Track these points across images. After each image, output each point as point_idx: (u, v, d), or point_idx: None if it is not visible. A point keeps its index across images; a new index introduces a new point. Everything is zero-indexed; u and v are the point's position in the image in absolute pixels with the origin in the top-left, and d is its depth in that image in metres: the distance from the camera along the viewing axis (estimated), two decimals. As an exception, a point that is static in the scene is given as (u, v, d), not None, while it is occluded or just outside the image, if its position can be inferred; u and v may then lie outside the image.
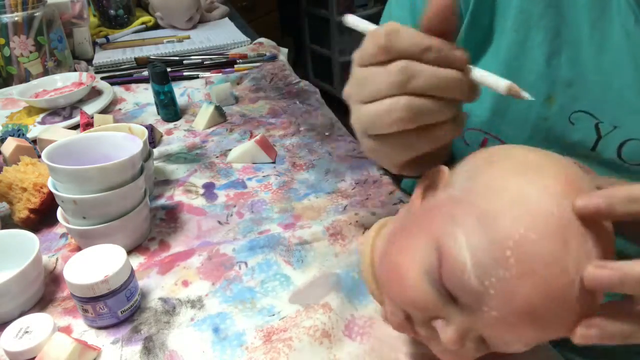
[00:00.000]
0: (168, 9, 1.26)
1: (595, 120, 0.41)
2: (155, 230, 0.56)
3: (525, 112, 0.44)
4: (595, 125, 0.41)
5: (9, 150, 0.63)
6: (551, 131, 0.43)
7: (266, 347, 0.40)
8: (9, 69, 0.96)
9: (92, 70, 1.07)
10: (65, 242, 0.55)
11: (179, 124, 0.82)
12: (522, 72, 0.43)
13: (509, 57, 0.44)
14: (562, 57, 0.41)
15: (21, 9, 0.91)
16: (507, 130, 0.46)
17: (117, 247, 0.45)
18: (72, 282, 0.41)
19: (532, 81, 0.42)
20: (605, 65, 0.39)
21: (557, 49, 0.41)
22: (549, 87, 0.42)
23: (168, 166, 0.69)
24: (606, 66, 0.39)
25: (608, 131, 0.40)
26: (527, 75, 0.43)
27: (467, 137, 0.49)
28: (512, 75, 0.43)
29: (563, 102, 0.42)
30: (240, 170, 0.67)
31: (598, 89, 0.40)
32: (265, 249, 0.51)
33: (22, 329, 0.41)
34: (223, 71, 1.01)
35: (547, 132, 0.44)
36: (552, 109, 0.43)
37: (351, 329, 0.42)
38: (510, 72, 0.43)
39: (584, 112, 0.41)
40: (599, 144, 0.41)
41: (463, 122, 0.33)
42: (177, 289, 0.47)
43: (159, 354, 0.41)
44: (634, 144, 0.39)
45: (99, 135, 0.54)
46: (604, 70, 0.39)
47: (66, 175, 0.47)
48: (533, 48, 0.42)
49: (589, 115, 0.41)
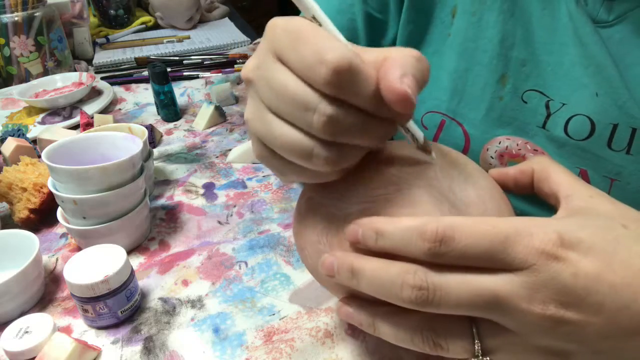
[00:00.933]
0: (168, 9, 1.26)
1: (546, 98, 0.42)
2: (155, 230, 0.56)
3: (481, 92, 0.45)
4: (546, 103, 0.42)
5: (9, 150, 0.63)
6: (505, 110, 0.44)
7: (267, 347, 0.40)
8: (9, 69, 0.96)
9: (92, 70, 1.07)
10: (65, 242, 0.55)
11: (179, 124, 0.82)
12: (477, 53, 0.44)
13: (466, 39, 0.45)
14: (516, 37, 0.42)
15: (21, 9, 0.91)
16: (464, 111, 0.47)
17: (117, 247, 0.45)
18: (72, 282, 0.41)
19: (487, 61, 0.44)
20: (555, 46, 0.40)
21: (511, 30, 0.42)
22: (503, 66, 0.43)
23: (168, 166, 0.69)
24: (556, 46, 0.40)
25: (557, 108, 0.41)
26: (481, 55, 0.44)
27: (426, 121, 0.50)
28: (468, 56, 0.45)
29: (516, 82, 0.43)
30: (240, 170, 0.67)
31: (549, 67, 0.41)
32: (265, 249, 0.51)
33: (22, 329, 0.41)
34: (223, 71, 1.01)
35: (501, 111, 0.45)
36: (505, 88, 0.44)
37: (354, 327, 0.42)
38: (466, 53, 0.45)
39: (536, 90, 0.42)
40: (548, 121, 0.42)
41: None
42: (177, 289, 0.47)
43: (159, 354, 0.41)
44: (578, 120, 0.40)
45: (99, 135, 0.54)
46: (554, 50, 0.41)
47: (66, 175, 0.47)
48: (487, 29, 0.43)
49: (539, 94, 0.42)
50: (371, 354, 0.39)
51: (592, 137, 0.40)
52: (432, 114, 0.49)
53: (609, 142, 0.40)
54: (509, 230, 0.24)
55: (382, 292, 0.26)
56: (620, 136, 0.39)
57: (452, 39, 0.46)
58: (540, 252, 0.23)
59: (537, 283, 0.23)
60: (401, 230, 0.25)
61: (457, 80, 0.46)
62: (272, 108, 0.26)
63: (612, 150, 0.40)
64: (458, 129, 0.47)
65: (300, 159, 0.26)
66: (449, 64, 0.46)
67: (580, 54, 0.39)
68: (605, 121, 0.39)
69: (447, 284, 0.24)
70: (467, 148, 0.47)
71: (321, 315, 0.43)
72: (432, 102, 0.49)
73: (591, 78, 0.39)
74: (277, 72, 0.26)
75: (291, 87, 0.25)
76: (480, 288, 0.24)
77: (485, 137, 0.46)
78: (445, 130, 0.48)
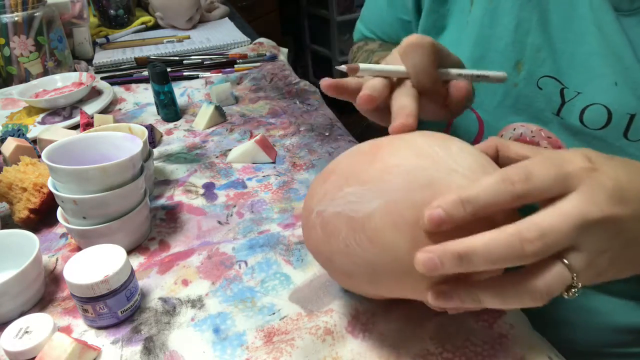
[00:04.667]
0: (168, 9, 1.26)
1: (560, 85, 0.43)
2: (155, 230, 0.56)
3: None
4: (561, 91, 0.43)
5: (9, 150, 0.63)
6: (520, 97, 0.45)
7: (268, 347, 0.40)
8: (9, 69, 0.96)
9: (92, 70, 1.07)
10: (65, 242, 0.55)
11: (179, 124, 0.82)
12: (492, 40, 0.45)
13: (482, 26, 0.45)
14: (532, 23, 0.43)
15: (21, 9, 0.91)
16: (479, 97, 0.47)
17: (117, 247, 0.45)
18: (72, 282, 0.41)
19: (502, 47, 0.44)
20: (571, 34, 0.41)
21: (527, 16, 0.43)
22: (518, 53, 0.44)
23: (168, 166, 0.69)
24: (572, 35, 0.41)
25: (572, 97, 0.42)
26: (497, 42, 0.45)
27: None
28: (485, 43, 0.46)
29: (531, 68, 0.44)
30: (240, 170, 0.67)
31: (565, 55, 0.42)
32: (265, 248, 0.51)
33: (22, 329, 0.41)
34: (223, 71, 1.01)
35: (516, 98, 0.45)
36: (520, 75, 0.44)
37: (354, 326, 0.42)
38: (482, 40, 0.45)
39: (551, 77, 0.43)
40: (563, 108, 0.43)
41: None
42: (177, 288, 0.47)
43: (159, 354, 0.41)
44: (594, 109, 0.41)
45: (99, 135, 0.54)
46: (571, 38, 0.41)
47: (66, 175, 0.47)
48: (504, 16, 0.44)
49: (554, 80, 0.43)
50: (371, 351, 0.39)
51: (608, 126, 0.40)
52: None
53: (625, 132, 0.40)
54: (559, 160, 0.29)
55: (502, 261, 0.28)
56: (637, 126, 0.39)
57: (470, 26, 0.47)
58: (585, 169, 0.29)
59: (594, 192, 0.28)
60: (486, 187, 0.29)
61: (472, 67, 0.46)
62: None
63: (628, 140, 0.40)
64: (472, 115, 0.48)
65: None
66: (466, 50, 0.47)
67: (600, 44, 0.39)
68: (623, 111, 0.39)
69: (553, 224, 0.28)
70: (481, 134, 0.48)
71: (321, 316, 0.43)
72: None
73: (610, 67, 0.39)
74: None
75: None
76: (572, 215, 0.28)
77: (499, 123, 0.46)
78: (460, 116, 0.48)
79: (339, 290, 0.45)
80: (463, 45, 0.47)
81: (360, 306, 0.43)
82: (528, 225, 0.28)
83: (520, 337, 0.39)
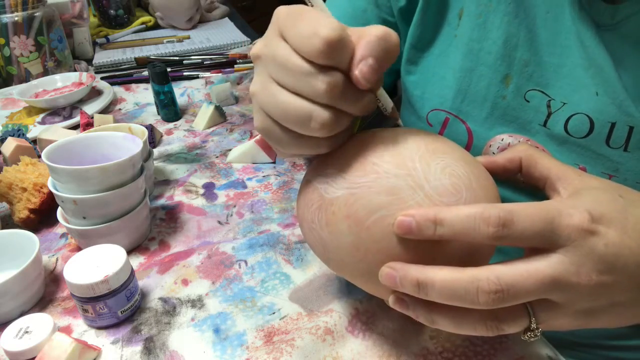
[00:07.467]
0: (168, 9, 1.26)
1: (547, 98, 0.43)
2: (155, 230, 0.56)
3: (485, 91, 0.46)
4: (547, 103, 0.43)
5: (9, 150, 0.63)
6: (508, 109, 0.45)
7: (268, 347, 0.40)
8: (9, 69, 0.96)
9: (92, 70, 1.07)
10: (65, 242, 0.55)
11: (179, 124, 0.82)
12: (481, 54, 0.45)
13: (471, 40, 0.46)
14: (520, 38, 0.43)
15: (21, 9, 0.91)
16: (467, 109, 0.48)
17: (117, 247, 0.45)
18: (72, 282, 0.41)
19: (491, 62, 0.45)
20: (558, 48, 0.42)
21: (515, 31, 0.43)
22: (507, 67, 0.44)
23: (168, 166, 0.69)
24: (558, 48, 0.42)
25: (558, 107, 0.43)
26: (486, 56, 0.45)
27: (430, 118, 0.51)
28: (473, 57, 0.47)
29: (519, 81, 0.44)
30: (240, 170, 0.67)
31: (552, 69, 0.42)
32: (265, 248, 0.51)
33: (22, 329, 0.41)
34: (223, 71, 1.01)
35: (504, 110, 0.46)
36: (509, 88, 0.45)
37: (354, 325, 0.42)
38: (471, 54, 0.46)
39: (538, 90, 0.44)
40: (549, 119, 0.43)
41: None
42: (177, 288, 0.47)
43: (159, 354, 0.41)
44: (578, 118, 0.42)
45: (99, 135, 0.54)
46: (557, 52, 0.42)
47: (66, 175, 0.47)
48: (492, 30, 0.44)
49: (541, 93, 0.44)
50: (371, 351, 0.39)
51: (591, 135, 0.41)
52: (436, 111, 0.50)
53: (607, 139, 0.41)
54: (554, 212, 0.27)
55: (455, 300, 0.28)
56: (618, 134, 0.40)
57: (458, 39, 0.47)
58: (580, 229, 0.27)
59: (581, 257, 0.27)
60: (463, 218, 0.28)
61: (461, 80, 0.47)
62: (277, 80, 0.29)
63: (610, 148, 0.41)
64: (462, 126, 0.48)
65: (300, 123, 0.29)
66: (454, 63, 0.47)
67: (582, 56, 0.40)
68: (604, 120, 0.40)
69: (516, 281, 0.27)
70: (470, 144, 0.48)
71: (321, 315, 0.43)
72: (437, 100, 0.50)
73: (592, 79, 0.40)
74: (281, 47, 0.29)
75: (294, 59, 0.28)
76: (542, 276, 0.27)
77: (488, 134, 0.47)
78: (449, 127, 0.49)
79: (339, 290, 0.45)
80: (451, 57, 0.48)
81: (360, 306, 0.43)
82: (489, 275, 0.27)
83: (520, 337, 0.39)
